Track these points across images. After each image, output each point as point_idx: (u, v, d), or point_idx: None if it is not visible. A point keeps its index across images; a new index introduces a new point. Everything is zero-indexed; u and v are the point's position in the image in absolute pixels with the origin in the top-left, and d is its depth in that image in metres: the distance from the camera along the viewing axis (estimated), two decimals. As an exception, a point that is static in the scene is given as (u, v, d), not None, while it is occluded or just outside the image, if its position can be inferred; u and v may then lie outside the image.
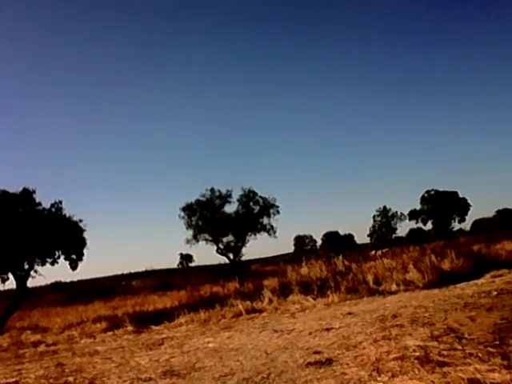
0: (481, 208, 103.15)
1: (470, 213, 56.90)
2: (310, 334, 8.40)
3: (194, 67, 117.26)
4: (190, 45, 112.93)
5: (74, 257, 19.33)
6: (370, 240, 61.26)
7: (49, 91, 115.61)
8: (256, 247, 57.90)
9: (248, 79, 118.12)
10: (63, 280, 58.49)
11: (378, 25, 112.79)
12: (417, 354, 5.63)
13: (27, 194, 18.44)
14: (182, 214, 29.92)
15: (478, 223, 60.35)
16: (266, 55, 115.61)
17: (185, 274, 52.78)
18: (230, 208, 30.20)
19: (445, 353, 5.53)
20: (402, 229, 61.93)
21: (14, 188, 18.44)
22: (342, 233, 67.19)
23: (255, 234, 30.13)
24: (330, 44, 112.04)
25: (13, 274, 18.50)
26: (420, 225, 58.86)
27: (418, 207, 57.52)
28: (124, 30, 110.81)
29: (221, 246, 30.02)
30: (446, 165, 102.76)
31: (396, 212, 58.79)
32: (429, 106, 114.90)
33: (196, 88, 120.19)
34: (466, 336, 6.27)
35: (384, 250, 32.92)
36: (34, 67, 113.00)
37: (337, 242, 63.36)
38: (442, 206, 54.80)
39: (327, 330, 8.49)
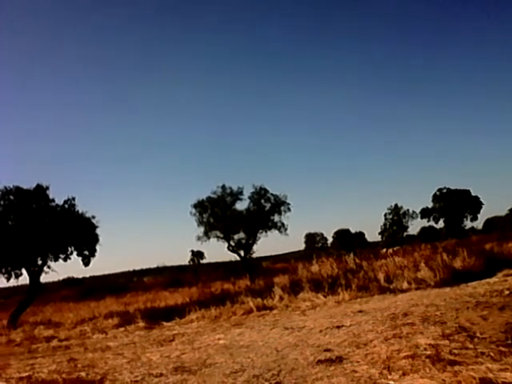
0: (493, 206, 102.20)
1: (482, 211, 56.55)
2: (321, 331, 8.40)
3: (206, 63, 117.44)
4: (199, 40, 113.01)
5: (86, 253, 19.50)
6: (381, 238, 61.00)
7: (54, 84, 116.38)
8: (267, 244, 58.09)
9: (258, 77, 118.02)
10: (76, 276, 59.13)
11: (381, 24, 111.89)
12: (428, 352, 5.60)
13: (41, 190, 18.62)
14: (194, 210, 29.97)
15: (490, 222, 59.77)
16: (278, 53, 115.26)
17: (196, 270, 52.97)
18: (241, 205, 30.20)
19: (456, 351, 5.50)
20: (414, 227, 61.60)
21: (28, 184, 18.67)
22: (353, 230, 67.04)
23: (266, 232, 30.10)
24: (343, 42, 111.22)
25: (26, 270, 18.71)
26: (432, 223, 58.60)
27: (430, 205, 57.20)
28: (129, 26, 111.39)
29: (232, 243, 30.04)
30: (458, 163, 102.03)
31: (407, 210, 58.50)
32: (441, 104, 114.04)
33: (208, 85, 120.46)
34: (478, 335, 6.23)
35: (395, 248, 32.82)
36: (43, 63, 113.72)
37: (348, 240, 63.17)
38: (454, 204, 54.43)
39: (338, 327, 8.48)
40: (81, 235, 19.10)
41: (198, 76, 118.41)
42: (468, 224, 57.54)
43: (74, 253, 19.34)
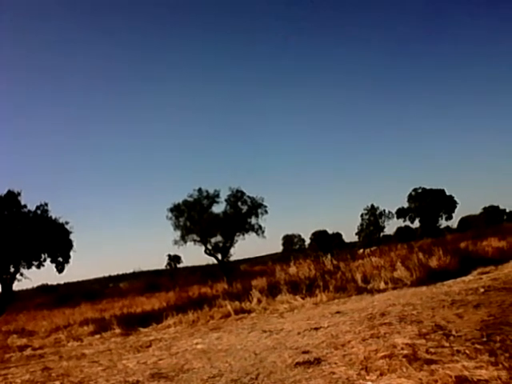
0: (468, 205, 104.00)
1: (456, 210, 57.49)
2: (299, 333, 8.38)
3: (183, 68, 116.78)
4: (182, 45, 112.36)
5: (60, 259, 19.19)
6: (358, 238, 61.57)
7: (36, 92, 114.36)
8: (244, 247, 57.93)
9: (234, 79, 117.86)
10: (50, 283, 58.11)
11: (373, 22, 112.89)
12: (405, 351, 5.62)
13: (12, 196, 18.26)
14: (170, 214, 29.84)
15: (464, 220, 60.87)
16: (250, 53, 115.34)
17: (173, 275, 52.63)
18: (218, 208, 30.19)
19: (432, 350, 5.54)
20: (390, 227, 62.28)
21: (-1, 190, 18.26)
22: (330, 231, 67.37)
23: (243, 234, 30.13)
24: (322, 42, 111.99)
25: (-2, 278, 18.30)
26: (408, 223, 59.34)
27: (406, 205, 57.95)
28: (120, 31, 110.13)
29: (209, 246, 29.97)
30: (432, 162, 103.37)
31: (384, 210, 59.21)
32: (416, 103, 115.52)
33: (182, 89, 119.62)
34: (454, 333, 6.29)
35: (372, 249, 33.11)
36: (27, 68, 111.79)
37: (325, 241, 63.49)
38: (429, 203, 55.23)
39: (316, 329, 8.48)
40: (54, 241, 18.77)
41: (175, 80, 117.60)
42: (443, 223, 58.51)
43: (48, 259, 19.03)
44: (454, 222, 60.29)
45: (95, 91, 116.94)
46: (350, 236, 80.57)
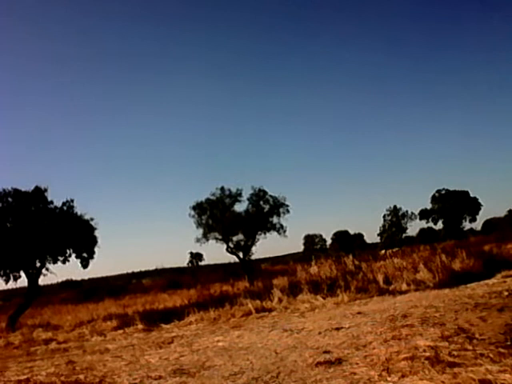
0: (492, 207, 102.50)
1: (481, 212, 56.57)
2: (320, 333, 8.39)
3: (206, 63, 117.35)
4: (197, 41, 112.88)
5: (85, 255, 19.43)
6: (380, 239, 60.97)
7: (51, 85, 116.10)
8: (266, 246, 57.85)
9: (258, 77, 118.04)
10: (74, 278, 59.04)
11: (384, 23, 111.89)
12: (427, 354, 5.59)
13: (39, 192, 18.57)
14: (192, 212, 29.93)
15: (489, 223, 59.82)
16: (277, 54, 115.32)
17: (195, 272, 52.94)
18: (240, 207, 30.16)
19: (455, 353, 5.49)
20: (413, 228, 61.71)
21: (27, 186, 18.63)
22: (351, 232, 66.96)
23: (265, 233, 30.06)
24: (341, 42, 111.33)
25: (24, 272, 18.65)
26: (430, 224, 58.61)
27: (429, 207, 57.24)
28: (125, 26, 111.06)
29: (231, 244, 30.01)
30: (456, 164, 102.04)
31: (406, 211, 58.49)
32: (440, 105, 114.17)
33: (206, 86, 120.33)
34: (477, 336, 6.23)
35: (394, 250, 32.79)
36: (38, 64, 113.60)
37: (347, 242, 63.16)
38: (453, 205, 54.46)
39: (337, 329, 8.47)
40: (79, 237, 19.04)
41: (196, 76, 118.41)
42: (467, 225, 57.63)
43: (73, 255, 19.27)
44: (477, 225, 59.40)
45: (112, 85, 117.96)
46: (371, 237, 79.86)
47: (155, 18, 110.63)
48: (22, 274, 18.72)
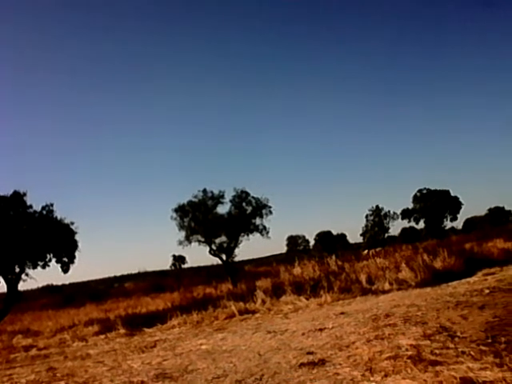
0: (473, 206, 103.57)
1: (461, 211, 57.12)
2: (303, 334, 8.39)
3: (186, 68, 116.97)
4: (184, 44, 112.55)
5: (65, 259, 19.22)
6: (363, 239, 61.30)
7: (39, 92, 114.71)
8: (249, 248, 57.93)
9: (239, 78, 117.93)
10: (55, 283, 58.22)
11: (375, 22, 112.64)
12: (409, 353, 5.62)
13: (18, 196, 18.31)
14: (174, 215, 29.74)
15: (469, 222, 60.63)
16: (250, 53, 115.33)
17: (178, 275, 52.63)
18: (223, 209, 30.08)
19: (437, 351, 5.53)
20: (395, 228, 61.98)
21: (5, 191, 18.36)
22: (334, 232, 67.17)
23: (248, 235, 30.04)
24: (325, 42, 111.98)
25: (3, 278, 18.34)
26: (412, 224, 58.97)
27: (411, 206, 57.69)
28: (121, 30, 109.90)
29: (213, 246, 29.90)
30: (437, 163, 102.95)
31: (388, 211, 58.83)
32: (420, 104, 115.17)
33: (186, 88, 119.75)
34: (459, 334, 6.28)
35: (377, 250, 32.99)
36: (24, 67, 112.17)
37: (329, 242, 63.40)
38: (434, 204, 54.95)
39: (320, 330, 8.48)
40: (59, 242, 18.82)
41: (177, 80, 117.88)
42: (448, 224, 58.16)
43: (53, 260, 19.05)
44: (458, 223, 59.98)
45: (95, 90, 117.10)
46: (354, 237, 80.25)
47: (152, 19, 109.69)
48: (1, 279, 18.43)
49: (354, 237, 75.74)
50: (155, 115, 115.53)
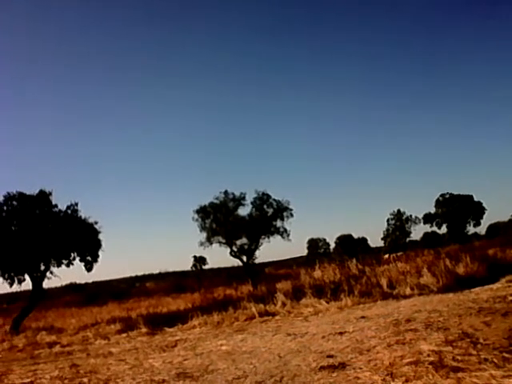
0: (496, 212, 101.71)
1: (485, 216, 56.39)
2: (323, 337, 8.38)
3: (208, 66, 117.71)
4: (199, 42, 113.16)
5: (89, 258, 19.49)
6: (384, 243, 60.90)
7: (54, 86, 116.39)
8: (269, 250, 57.91)
9: (262, 81, 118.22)
10: (78, 281, 59.15)
11: (389, 25, 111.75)
12: (431, 358, 5.58)
13: (44, 195, 18.65)
14: (196, 216, 29.96)
15: (493, 227, 59.62)
16: (281, 57, 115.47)
17: (198, 276, 52.92)
18: (244, 211, 30.19)
19: (459, 358, 5.48)
20: (417, 232, 61.40)
21: (31, 190, 18.71)
22: (355, 236, 66.86)
23: (269, 237, 30.07)
24: (341, 44, 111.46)
25: (29, 275, 18.72)
26: (434, 228, 58.47)
27: (433, 211, 57.12)
28: (126, 28, 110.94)
29: (234, 248, 30.01)
30: (460, 168, 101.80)
31: (410, 215, 58.45)
32: (444, 108, 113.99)
33: (209, 88, 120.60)
34: (481, 341, 6.21)
35: (398, 254, 32.73)
36: (43, 64, 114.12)
37: (350, 246, 63.07)
38: (457, 209, 54.32)
39: (340, 333, 8.46)
40: (83, 241, 19.11)
41: (200, 78, 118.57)
42: (471, 229, 57.44)
43: (77, 258, 19.34)
44: (482, 229, 59.19)
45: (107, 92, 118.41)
46: (375, 241, 79.87)
47: (153, 18, 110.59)
48: (27, 277, 18.80)
49: (375, 241, 75.38)
50: (184, 116, 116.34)
